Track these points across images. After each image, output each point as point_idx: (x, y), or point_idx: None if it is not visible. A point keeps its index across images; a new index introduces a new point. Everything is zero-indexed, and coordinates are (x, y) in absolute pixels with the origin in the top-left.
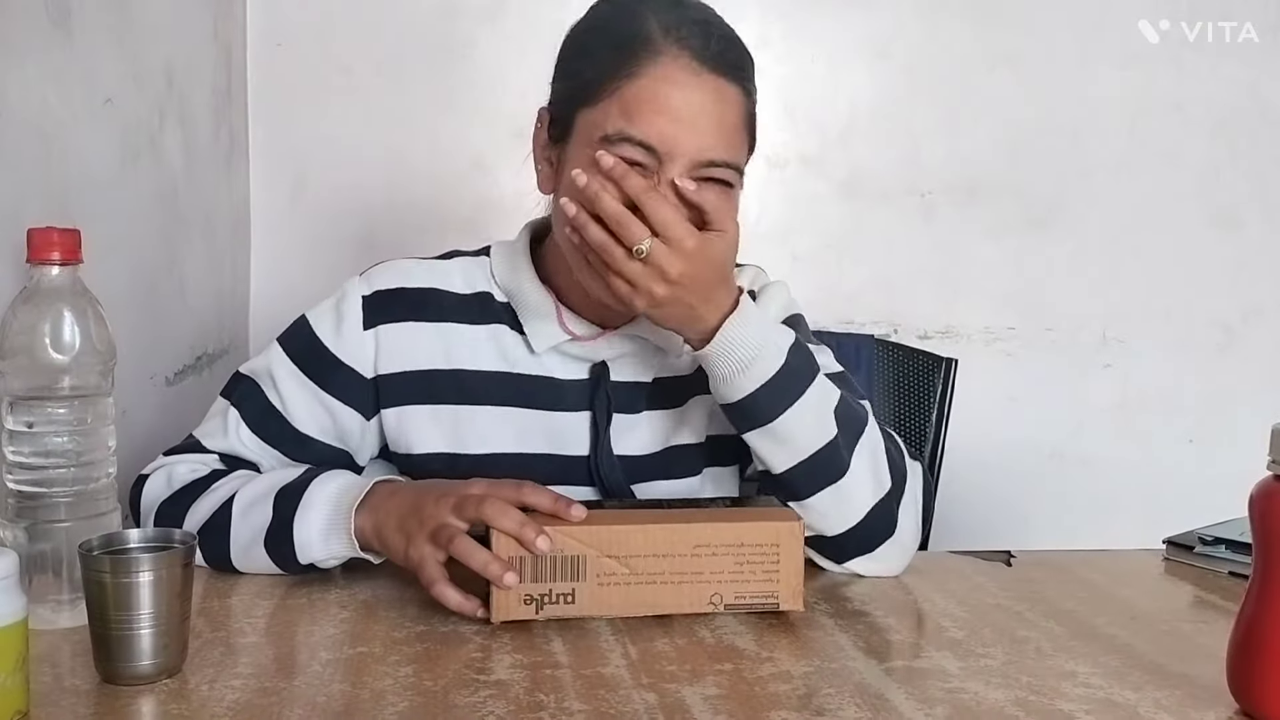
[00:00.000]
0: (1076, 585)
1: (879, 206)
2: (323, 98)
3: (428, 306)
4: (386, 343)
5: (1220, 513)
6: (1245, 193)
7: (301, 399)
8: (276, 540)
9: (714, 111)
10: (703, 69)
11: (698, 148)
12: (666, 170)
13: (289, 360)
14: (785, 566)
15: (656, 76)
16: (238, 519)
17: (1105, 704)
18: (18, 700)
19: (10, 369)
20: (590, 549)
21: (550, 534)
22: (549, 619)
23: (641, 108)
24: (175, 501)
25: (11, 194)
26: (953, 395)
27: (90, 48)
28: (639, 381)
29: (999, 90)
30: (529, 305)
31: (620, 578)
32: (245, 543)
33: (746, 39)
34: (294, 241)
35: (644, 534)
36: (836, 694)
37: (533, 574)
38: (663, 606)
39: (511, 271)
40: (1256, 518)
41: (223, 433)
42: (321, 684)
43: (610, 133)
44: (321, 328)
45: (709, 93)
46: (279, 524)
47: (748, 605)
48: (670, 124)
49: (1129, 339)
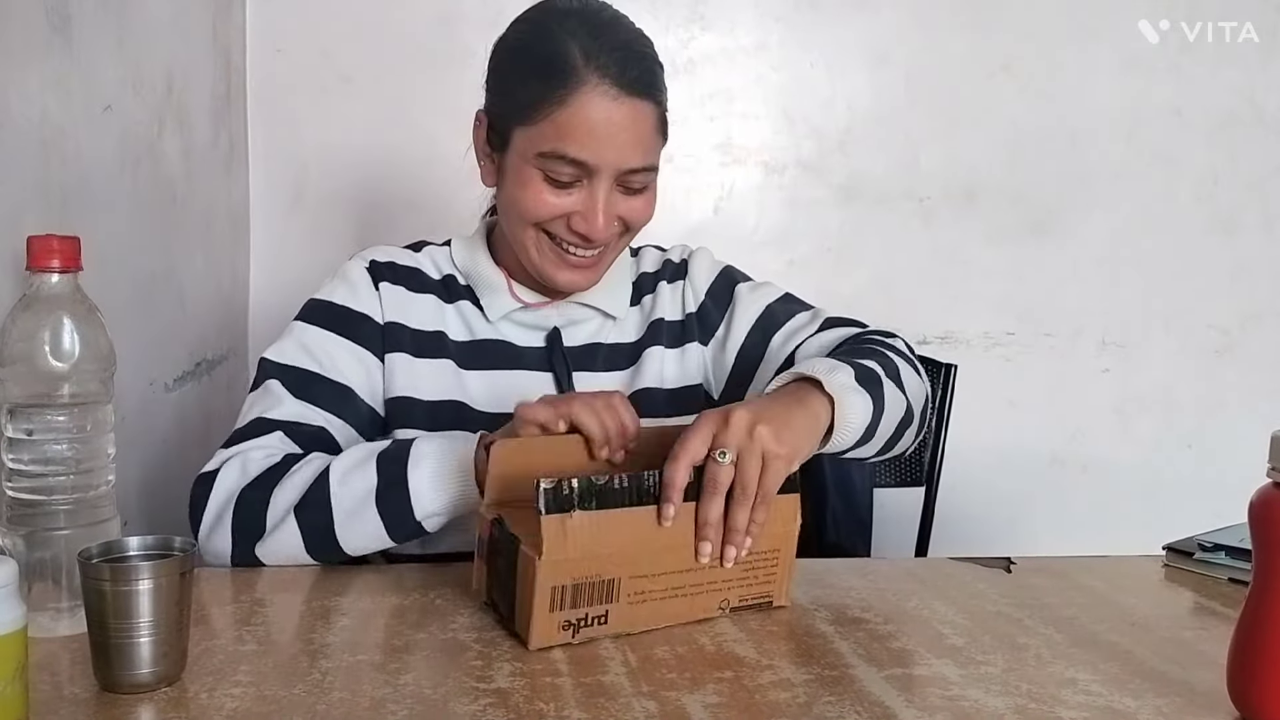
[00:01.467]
0: (1076, 592)
1: (877, 212)
2: (322, 103)
3: (414, 279)
4: (388, 298)
5: (1220, 519)
6: (1244, 198)
7: (337, 354)
8: (389, 498)
9: (632, 129)
10: (621, 94)
11: (620, 160)
12: (595, 179)
13: (314, 327)
14: (781, 568)
15: (582, 105)
16: (337, 486)
17: (1105, 711)
18: (17, 709)
19: (10, 376)
20: (624, 570)
21: (588, 561)
22: (582, 642)
23: (573, 132)
24: (259, 485)
25: (11, 201)
26: (952, 401)
27: (90, 54)
28: (593, 344)
29: (997, 95)
30: (484, 281)
31: (649, 595)
32: (351, 507)
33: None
34: (293, 247)
35: (672, 554)
36: (836, 702)
37: (572, 600)
38: (681, 616)
39: (470, 256)
40: (1256, 524)
41: (277, 405)
42: (321, 692)
43: (546, 151)
44: (335, 295)
45: (627, 114)
46: (389, 483)
47: (748, 606)
48: (596, 144)
49: (1128, 344)
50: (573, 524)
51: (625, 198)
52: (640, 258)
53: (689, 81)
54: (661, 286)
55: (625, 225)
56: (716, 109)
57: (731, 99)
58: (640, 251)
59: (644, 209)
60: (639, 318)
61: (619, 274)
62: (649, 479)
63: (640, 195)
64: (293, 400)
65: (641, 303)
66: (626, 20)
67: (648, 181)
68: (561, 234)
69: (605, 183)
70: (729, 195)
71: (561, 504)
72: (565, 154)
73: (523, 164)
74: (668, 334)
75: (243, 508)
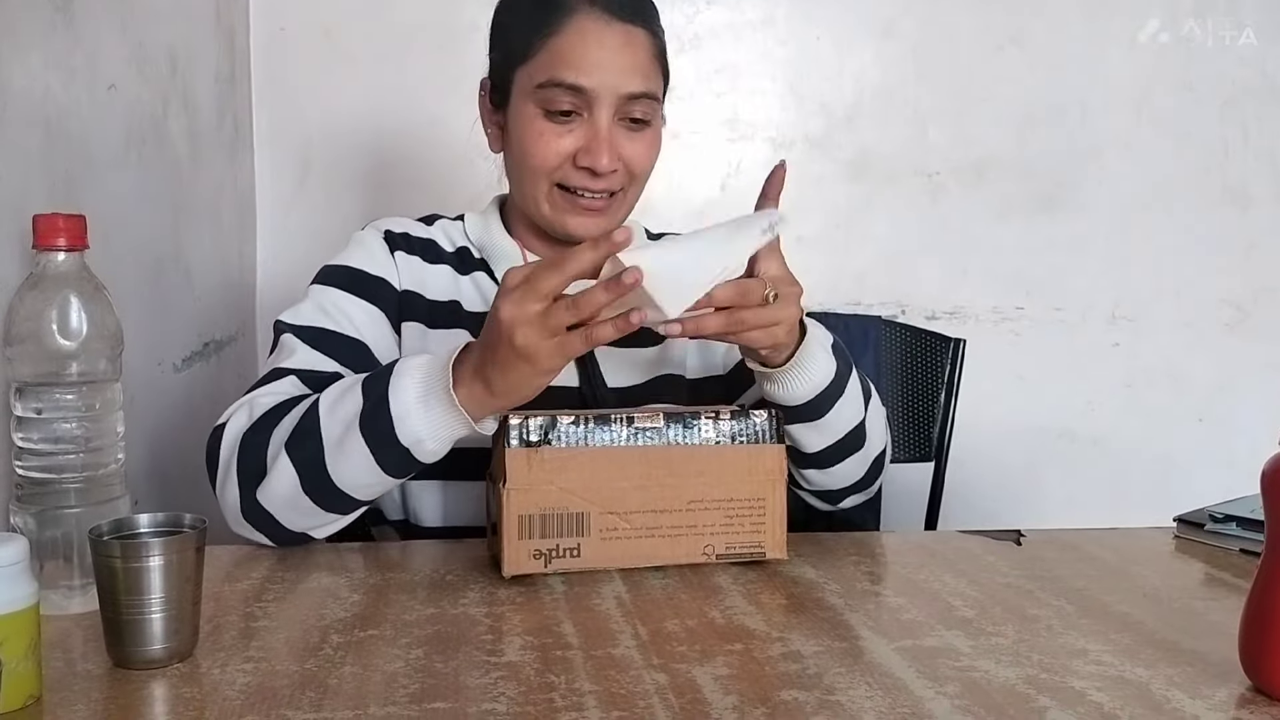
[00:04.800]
0: (1087, 564)
1: (886, 187)
2: (327, 82)
3: (429, 250)
4: (404, 267)
5: (1231, 490)
6: (1255, 171)
7: (353, 312)
8: (372, 420)
9: (627, 52)
10: (613, 19)
11: (618, 84)
12: (595, 108)
13: (331, 288)
14: (770, 519)
15: (576, 30)
16: (326, 415)
17: (1117, 681)
18: (30, 685)
19: (18, 355)
20: (593, 506)
21: (555, 492)
22: (556, 572)
23: (567, 58)
24: (259, 428)
25: (16, 181)
26: (961, 376)
27: (93, 34)
28: None
29: (1006, 70)
30: (498, 252)
31: (621, 532)
32: (338, 436)
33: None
34: (300, 226)
35: (642, 492)
36: (847, 673)
37: (541, 530)
38: (660, 558)
39: (484, 228)
40: (1268, 495)
41: (291, 356)
42: (333, 666)
43: (544, 80)
44: (351, 259)
45: (620, 37)
46: (373, 404)
47: (737, 555)
48: (593, 68)
49: (1138, 318)
50: (538, 457)
51: (628, 135)
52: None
53: (695, 57)
54: None
55: (629, 171)
56: (723, 85)
57: (738, 74)
58: (662, 236)
59: (646, 151)
60: None
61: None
62: (614, 418)
63: (642, 135)
64: (307, 350)
65: None
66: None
67: (649, 114)
68: (570, 179)
69: (605, 111)
70: (736, 171)
71: (527, 438)
72: (562, 80)
73: (524, 103)
74: None
75: (245, 451)
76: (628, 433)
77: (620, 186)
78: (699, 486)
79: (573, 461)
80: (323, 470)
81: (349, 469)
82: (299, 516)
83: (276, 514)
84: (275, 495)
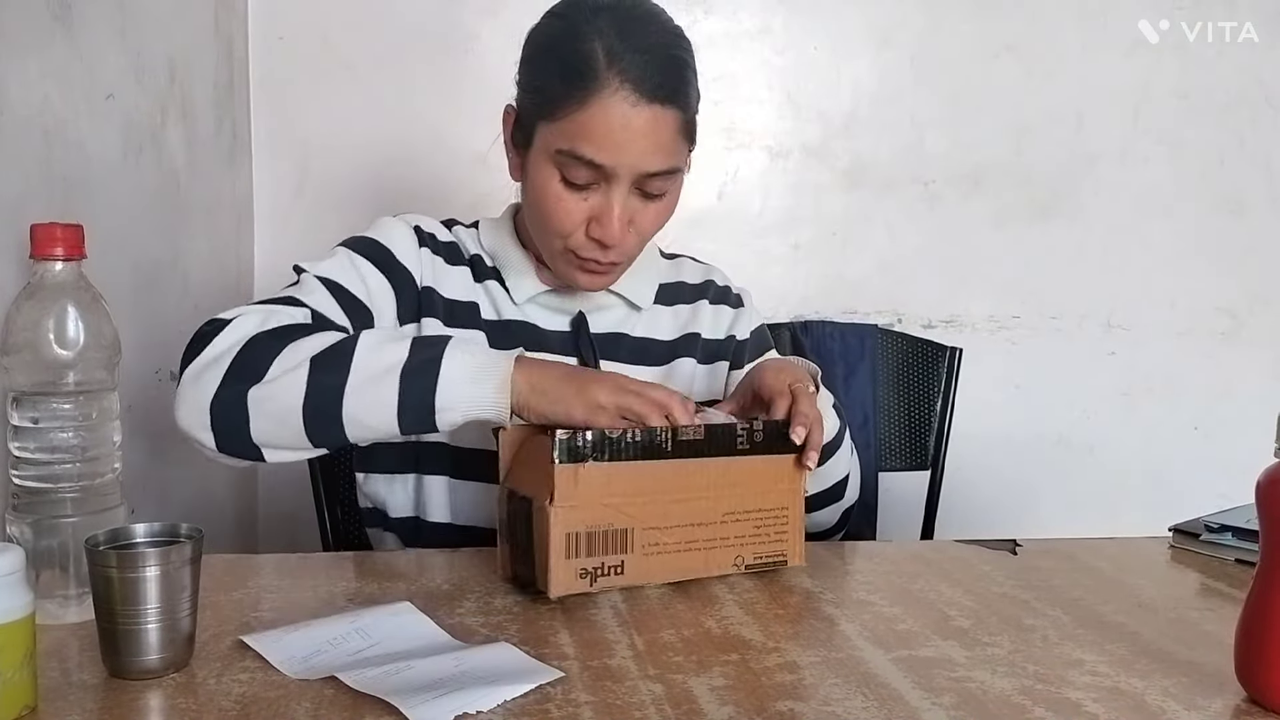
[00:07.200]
0: (1083, 573)
1: (882, 195)
2: (325, 91)
3: (452, 253)
4: (428, 264)
5: (1226, 500)
6: (1250, 179)
7: (374, 282)
8: (417, 374)
9: (651, 135)
10: (640, 100)
11: (637, 164)
12: (612, 183)
13: (360, 256)
14: (792, 526)
15: (601, 108)
16: (365, 352)
17: (1112, 692)
18: (26, 695)
19: (15, 365)
20: (636, 521)
21: (599, 509)
22: (600, 590)
23: (590, 134)
24: (278, 335)
25: (14, 190)
26: (957, 384)
27: (91, 43)
28: (619, 333)
29: (1002, 78)
30: (511, 263)
31: (662, 547)
32: (373, 373)
33: (747, 29)
34: (297, 235)
35: (682, 506)
36: (843, 684)
37: (587, 548)
38: (695, 571)
39: (497, 238)
40: (1263, 505)
41: (310, 295)
42: (329, 677)
43: (564, 149)
44: (384, 238)
45: (646, 120)
46: (422, 361)
47: (763, 564)
48: (613, 149)
49: (1134, 326)
50: (585, 473)
51: (643, 203)
52: (678, 265)
53: None
54: (703, 304)
55: (639, 236)
56: (720, 93)
57: (735, 83)
58: (676, 259)
59: (657, 219)
60: (671, 321)
61: (644, 266)
62: (660, 434)
63: (656, 204)
64: (327, 296)
65: (675, 309)
66: (661, 18)
67: (667, 187)
68: (581, 249)
69: (622, 186)
70: (733, 180)
71: (575, 454)
72: (581, 155)
73: (544, 161)
74: (703, 350)
75: (251, 349)
76: (672, 445)
77: (628, 255)
78: (734, 498)
79: (617, 476)
80: (337, 398)
81: (364, 405)
82: (274, 427)
83: (254, 417)
84: (267, 399)
